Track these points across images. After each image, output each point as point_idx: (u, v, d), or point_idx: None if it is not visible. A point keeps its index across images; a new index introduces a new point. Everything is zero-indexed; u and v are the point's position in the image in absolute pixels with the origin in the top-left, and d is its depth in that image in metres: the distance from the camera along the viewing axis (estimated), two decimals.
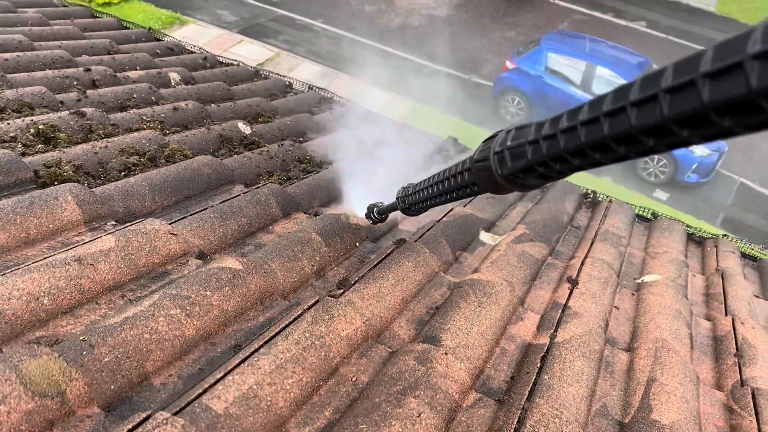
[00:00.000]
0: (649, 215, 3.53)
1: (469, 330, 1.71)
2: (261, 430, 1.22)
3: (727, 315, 2.43)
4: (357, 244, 2.18)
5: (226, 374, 1.27)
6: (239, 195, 2.23)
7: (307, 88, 4.65)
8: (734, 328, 2.22)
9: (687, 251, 3.17)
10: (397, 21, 16.01)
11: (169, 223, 1.85)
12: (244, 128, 3.17)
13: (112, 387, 1.23)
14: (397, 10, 16.49)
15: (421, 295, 1.95)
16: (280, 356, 1.37)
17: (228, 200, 2.15)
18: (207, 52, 4.88)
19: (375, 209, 2.17)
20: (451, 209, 2.65)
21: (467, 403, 1.51)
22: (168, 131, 2.95)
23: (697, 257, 3.24)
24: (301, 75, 12.32)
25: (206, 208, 2.05)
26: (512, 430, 1.40)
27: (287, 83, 4.62)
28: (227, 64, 4.77)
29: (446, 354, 1.56)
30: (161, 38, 4.98)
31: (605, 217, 3.16)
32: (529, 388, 1.56)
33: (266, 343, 1.40)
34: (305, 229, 2.03)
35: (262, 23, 15.05)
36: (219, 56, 4.88)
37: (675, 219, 3.46)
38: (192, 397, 1.19)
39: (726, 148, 10.92)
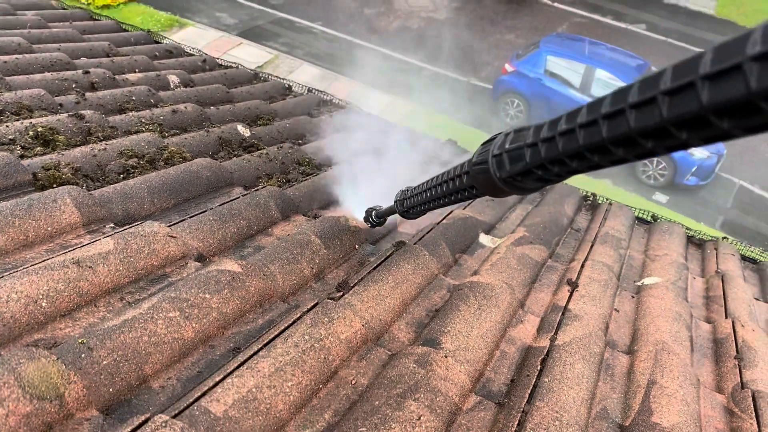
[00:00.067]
0: (649, 218, 3.53)
1: (468, 333, 1.71)
2: None
3: (727, 317, 2.42)
4: (356, 247, 2.18)
5: (225, 377, 1.26)
6: (238, 197, 2.22)
7: (306, 91, 4.65)
8: (734, 331, 2.21)
9: (687, 254, 3.17)
10: (396, 24, 16.04)
11: (168, 226, 1.85)
12: (243, 131, 3.17)
13: (111, 390, 1.22)
14: (396, 13, 16.52)
15: (420, 298, 1.95)
16: (279, 359, 1.36)
17: (227, 203, 2.15)
18: (206, 54, 4.88)
19: (374, 212, 2.17)
20: (451, 211, 2.64)
21: (467, 406, 1.50)
22: (167, 134, 2.95)
23: (697, 260, 3.24)
24: (301, 77, 12.33)
25: (205, 211, 2.05)
26: None
27: (286, 86, 4.62)
28: (226, 67, 4.77)
29: (446, 357, 1.55)
30: (160, 41, 4.98)
31: (605, 219, 3.16)
32: (529, 391, 1.55)
33: (265, 345, 1.40)
34: (304, 231, 2.03)
35: (261, 26, 15.07)
36: (218, 59, 4.89)
37: (675, 222, 3.46)
38: (191, 400, 1.18)
39: (725, 150, 10.94)
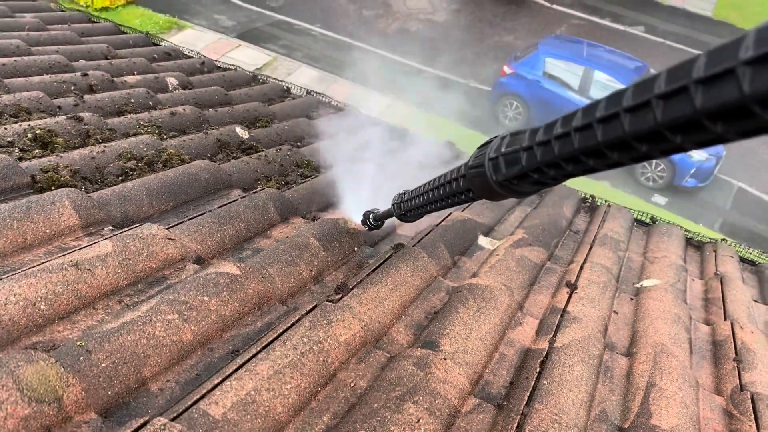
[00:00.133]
0: (648, 220, 3.53)
1: (467, 335, 1.70)
2: None
3: (726, 319, 2.42)
4: (355, 249, 2.17)
5: (224, 380, 1.26)
6: (237, 200, 2.22)
7: (304, 93, 4.66)
8: (733, 333, 2.21)
9: (686, 256, 3.17)
10: (394, 26, 16.06)
11: (167, 228, 1.85)
12: (242, 133, 3.17)
13: (110, 392, 1.22)
14: (395, 15, 16.54)
15: (419, 300, 1.95)
16: (278, 361, 1.36)
17: (226, 205, 2.14)
18: (204, 56, 4.88)
19: (371, 215, 2.17)
20: (450, 213, 2.64)
21: (466, 409, 1.50)
22: (165, 136, 2.95)
23: (696, 262, 3.24)
24: (299, 80, 12.35)
25: (204, 213, 2.04)
26: None
27: (285, 88, 4.62)
28: (225, 69, 4.77)
29: (445, 359, 1.55)
30: (159, 43, 4.98)
31: (604, 221, 3.16)
32: (528, 394, 1.55)
33: (264, 348, 1.40)
34: (303, 233, 2.03)
35: (259, 28, 15.08)
36: (216, 61, 4.89)
37: (673, 223, 3.46)
38: (189, 403, 1.18)
39: (724, 152, 10.96)
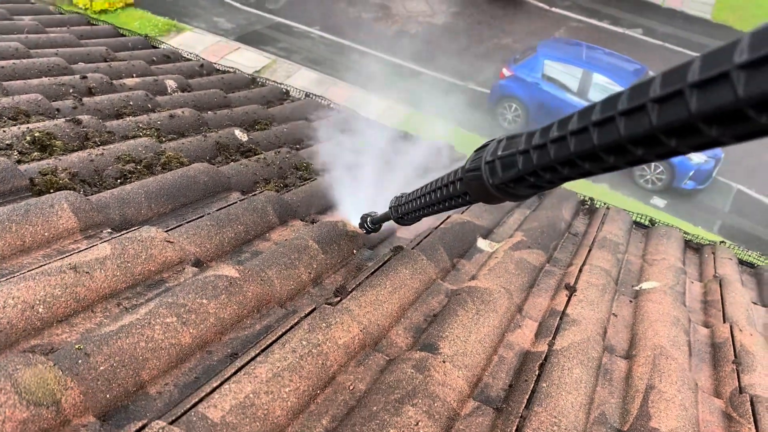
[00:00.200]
0: (647, 222, 3.53)
1: (466, 338, 1.70)
2: None
3: (725, 322, 2.42)
4: (354, 252, 2.17)
5: (223, 383, 1.26)
6: (236, 202, 2.22)
7: (303, 96, 4.66)
8: (732, 335, 2.21)
9: (685, 258, 3.17)
10: (394, 28, 16.08)
11: (166, 231, 1.85)
12: (241, 135, 3.17)
13: (108, 396, 1.22)
14: (394, 18, 16.57)
15: (418, 303, 1.95)
16: (277, 364, 1.36)
17: (224, 208, 2.14)
18: (203, 59, 4.89)
19: (369, 219, 2.17)
20: (449, 216, 2.64)
21: (465, 412, 1.50)
22: (164, 138, 2.95)
23: (695, 264, 3.24)
24: (298, 82, 12.35)
25: (203, 216, 2.04)
26: None
27: (284, 90, 4.62)
28: (224, 72, 4.77)
29: (444, 362, 1.55)
30: (158, 45, 4.98)
31: (603, 224, 3.17)
32: (528, 396, 1.55)
33: (263, 351, 1.40)
34: (302, 236, 2.03)
35: (258, 30, 15.10)
36: (215, 63, 4.89)
37: (672, 226, 3.46)
38: (188, 406, 1.18)
39: (723, 154, 10.98)
